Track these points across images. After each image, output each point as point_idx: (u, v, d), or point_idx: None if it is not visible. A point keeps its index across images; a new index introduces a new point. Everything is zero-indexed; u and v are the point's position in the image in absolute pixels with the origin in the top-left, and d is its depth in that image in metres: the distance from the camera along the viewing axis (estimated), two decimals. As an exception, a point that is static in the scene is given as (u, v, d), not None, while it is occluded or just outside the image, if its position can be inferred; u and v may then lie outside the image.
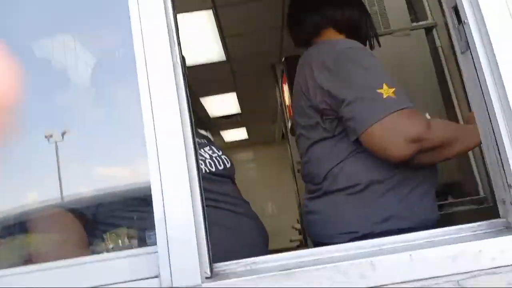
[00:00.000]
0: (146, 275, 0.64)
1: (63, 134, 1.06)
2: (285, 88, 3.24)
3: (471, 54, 0.69)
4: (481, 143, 0.76)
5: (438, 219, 1.13)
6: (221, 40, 3.55)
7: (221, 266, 0.68)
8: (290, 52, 2.72)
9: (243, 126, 6.57)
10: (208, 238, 0.66)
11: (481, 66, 0.67)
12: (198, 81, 3.84)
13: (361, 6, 1.30)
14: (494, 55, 0.64)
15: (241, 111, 5.62)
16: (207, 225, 0.66)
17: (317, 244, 1.17)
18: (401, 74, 1.88)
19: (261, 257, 0.69)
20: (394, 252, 0.65)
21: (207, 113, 5.44)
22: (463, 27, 0.69)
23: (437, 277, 0.62)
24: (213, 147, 1.28)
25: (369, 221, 1.06)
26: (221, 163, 1.23)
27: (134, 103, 0.69)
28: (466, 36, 0.69)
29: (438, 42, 2.15)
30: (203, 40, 3.51)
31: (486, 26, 0.65)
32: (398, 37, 1.30)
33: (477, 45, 0.67)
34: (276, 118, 5.41)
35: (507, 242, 0.65)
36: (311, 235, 1.25)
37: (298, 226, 4.38)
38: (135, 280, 0.64)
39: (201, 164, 1.14)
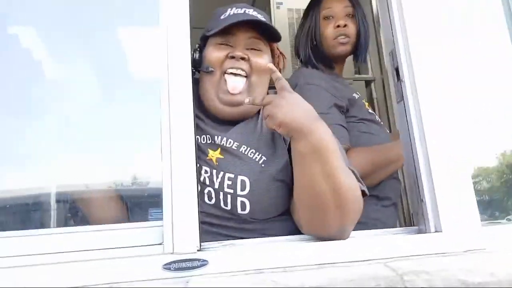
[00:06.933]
0: (152, 242, 0.80)
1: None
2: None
3: (404, 103, 0.97)
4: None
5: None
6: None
7: (206, 244, 0.84)
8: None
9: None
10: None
11: (409, 112, 0.95)
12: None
13: None
14: (419, 104, 0.93)
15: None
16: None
17: None
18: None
19: (238, 240, 0.88)
20: (342, 239, 0.88)
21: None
22: (401, 84, 0.97)
23: (371, 259, 0.86)
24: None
25: None
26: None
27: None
28: (402, 90, 0.97)
29: (374, 94, 2.54)
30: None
31: (416, 85, 0.94)
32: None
33: (408, 97, 0.95)
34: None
35: (417, 239, 0.91)
36: None
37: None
38: (142, 246, 0.79)
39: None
